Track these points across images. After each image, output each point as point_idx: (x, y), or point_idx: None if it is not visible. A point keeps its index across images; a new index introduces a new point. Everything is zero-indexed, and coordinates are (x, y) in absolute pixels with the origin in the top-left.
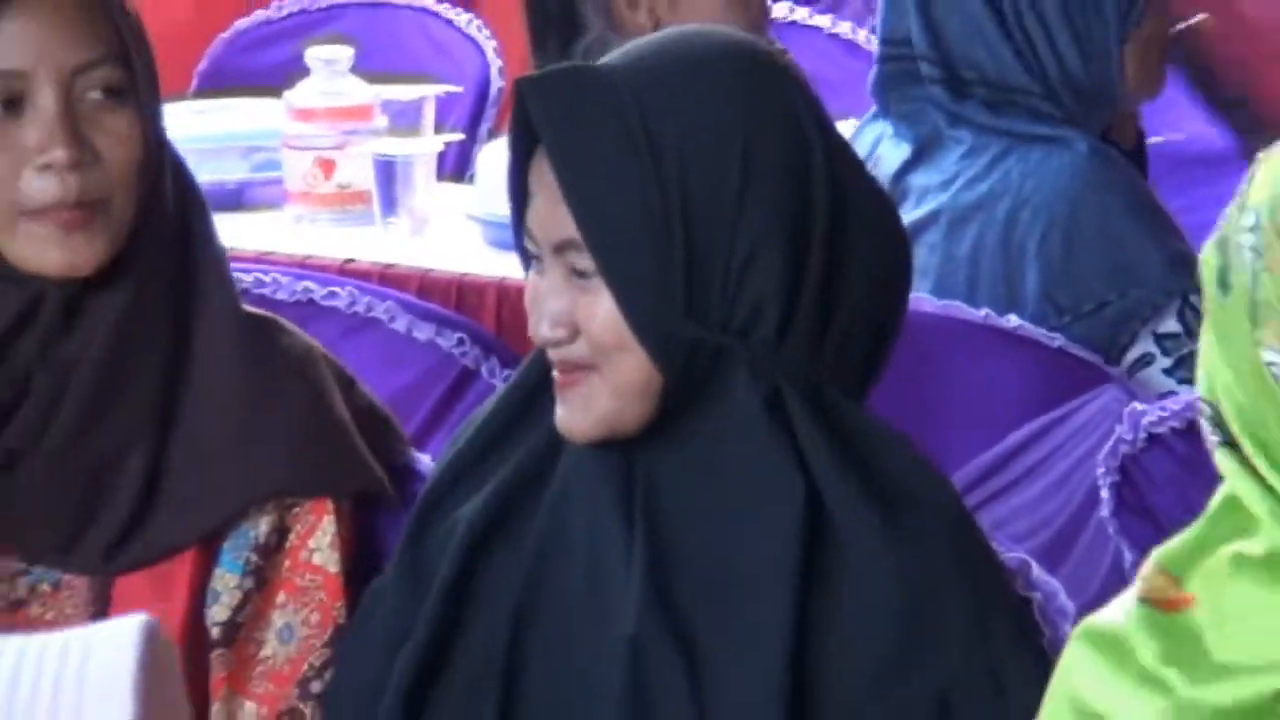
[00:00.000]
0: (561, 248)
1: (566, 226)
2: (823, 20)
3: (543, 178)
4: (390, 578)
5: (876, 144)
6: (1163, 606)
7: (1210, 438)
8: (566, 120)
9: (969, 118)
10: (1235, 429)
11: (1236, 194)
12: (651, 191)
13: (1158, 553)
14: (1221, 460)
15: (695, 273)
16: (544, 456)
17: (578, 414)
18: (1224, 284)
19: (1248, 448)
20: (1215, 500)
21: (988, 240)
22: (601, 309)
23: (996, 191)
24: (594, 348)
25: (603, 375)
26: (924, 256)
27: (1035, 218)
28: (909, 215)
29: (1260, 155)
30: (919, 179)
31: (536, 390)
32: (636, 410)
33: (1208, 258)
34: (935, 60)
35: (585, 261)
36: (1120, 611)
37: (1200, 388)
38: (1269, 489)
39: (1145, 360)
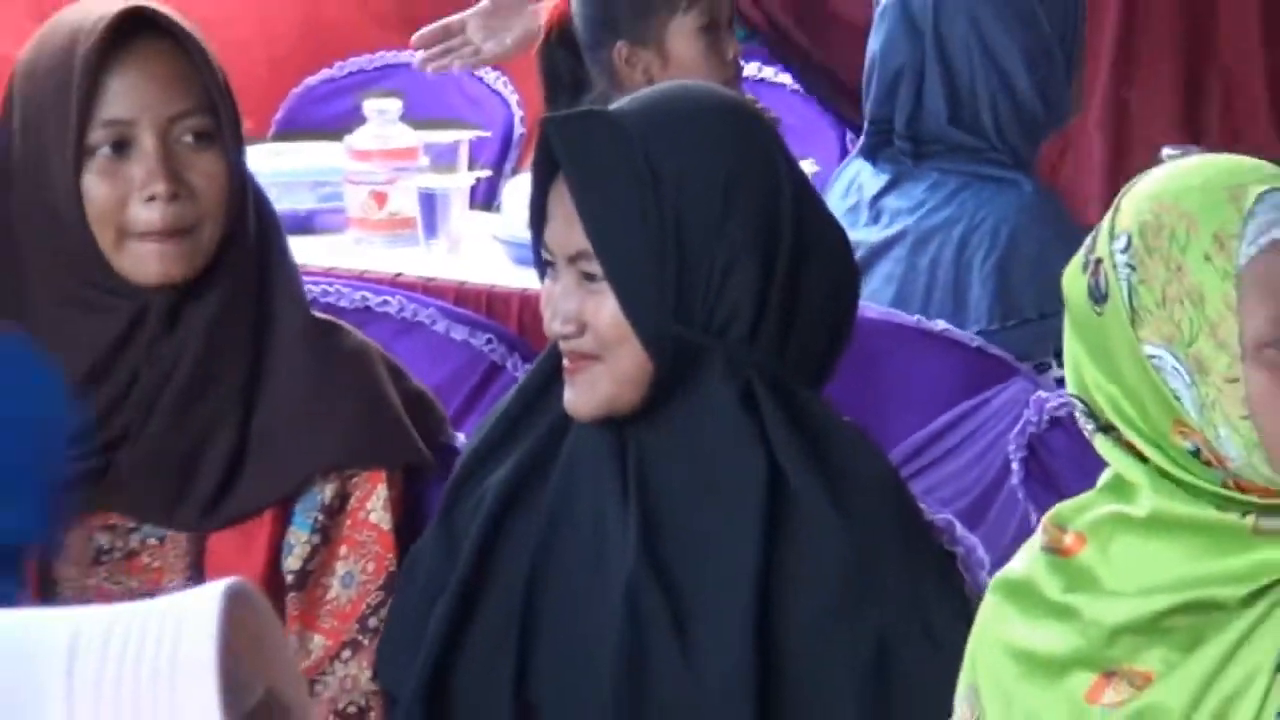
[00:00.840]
0: (574, 258)
1: (580, 240)
2: (786, 78)
3: (561, 200)
4: (427, 541)
5: (857, 176)
6: (1060, 553)
7: (1086, 427)
8: (583, 153)
9: (936, 163)
10: (1110, 415)
11: (1102, 223)
12: (651, 214)
13: (1050, 512)
14: (1099, 444)
15: (684, 281)
16: (554, 437)
17: (583, 395)
18: (1098, 298)
19: (1124, 429)
20: (1103, 477)
21: (944, 257)
22: (606, 309)
23: (954, 218)
24: (598, 341)
25: (605, 364)
26: (891, 267)
27: (983, 242)
28: (881, 232)
29: (1123, 190)
30: (892, 202)
31: (547, 383)
32: (631, 394)
33: (1074, 280)
34: (907, 137)
35: (594, 269)
36: (1024, 563)
37: (1070, 386)
38: (1144, 460)
39: (1042, 368)
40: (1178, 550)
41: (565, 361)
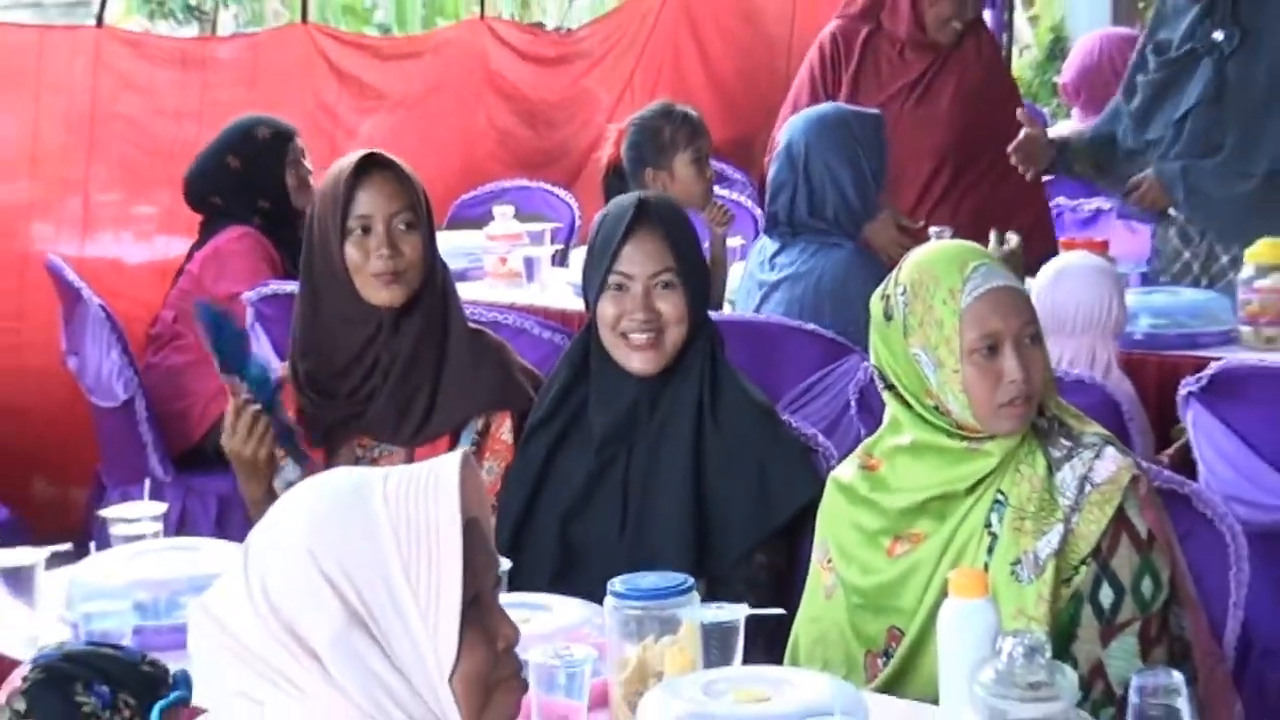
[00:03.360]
0: (655, 274)
1: (663, 263)
2: (732, 194)
3: (646, 241)
4: (516, 460)
5: (764, 243)
6: (868, 469)
7: (879, 384)
8: (669, 216)
9: (803, 237)
10: (892, 379)
11: (891, 274)
12: (693, 249)
13: (861, 445)
14: (886, 396)
15: (707, 290)
16: (584, 403)
17: (653, 359)
18: (888, 316)
19: (900, 389)
20: (885, 417)
21: (808, 291)
22: (676, 304)
23: (814, 269)
24: (667, 324)
25: (664, 338)
26: (781, 295)
27: (829, 281)
28: (776, 275)
29: (904, 257)
30: (781, 259)
31: (580, 371)
32: (671, 357)
33: (876, 303)
34: (786, 223)
35: (674, 280)
36: (849, 474)
37: (872, 360)
38: (910, 408)
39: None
40: (929, 465)
41: (633, 340)
